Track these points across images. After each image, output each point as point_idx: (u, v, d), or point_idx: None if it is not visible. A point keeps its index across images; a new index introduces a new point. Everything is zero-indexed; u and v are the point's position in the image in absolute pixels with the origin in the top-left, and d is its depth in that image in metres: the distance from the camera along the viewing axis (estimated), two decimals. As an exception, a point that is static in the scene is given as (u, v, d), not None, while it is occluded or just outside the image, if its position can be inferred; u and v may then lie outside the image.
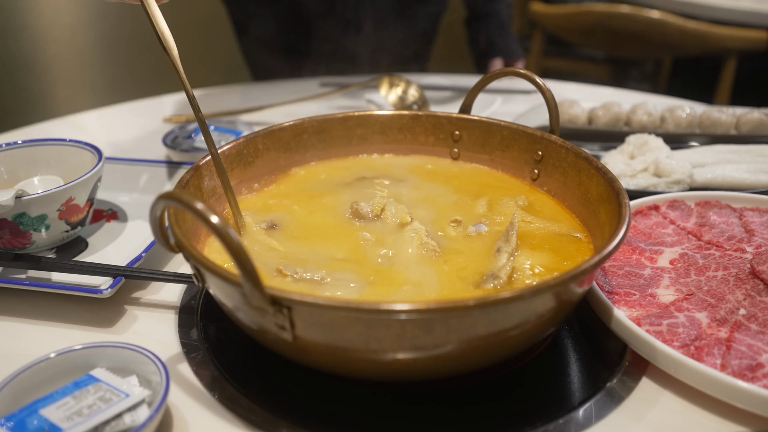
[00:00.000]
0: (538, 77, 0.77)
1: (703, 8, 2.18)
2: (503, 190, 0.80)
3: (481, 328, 0.52)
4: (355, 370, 0.57)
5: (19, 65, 3.23)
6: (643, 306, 0.69)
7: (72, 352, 0.59)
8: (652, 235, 0.81)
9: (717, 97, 2.13)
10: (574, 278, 0.52)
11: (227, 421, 0.59)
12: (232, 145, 0.77)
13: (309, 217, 0.75)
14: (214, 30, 2.79)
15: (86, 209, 0.81)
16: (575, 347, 0.68)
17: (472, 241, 0.70)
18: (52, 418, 0.54)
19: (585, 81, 1.59)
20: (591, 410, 0.59)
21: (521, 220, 0.72)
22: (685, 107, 1.16)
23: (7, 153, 0.85)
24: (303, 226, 0.73)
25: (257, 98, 1.41)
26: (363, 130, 0.86)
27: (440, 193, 0.80)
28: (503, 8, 1.68)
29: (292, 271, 0.63)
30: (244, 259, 0.49)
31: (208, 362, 0.65)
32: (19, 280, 0.74)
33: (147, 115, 1.32)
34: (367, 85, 1.32)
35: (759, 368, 0.59)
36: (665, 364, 0.61)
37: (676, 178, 0.95)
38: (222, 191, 0.75)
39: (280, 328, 0.52)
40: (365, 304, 0.49)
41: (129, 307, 0.74)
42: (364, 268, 0.65)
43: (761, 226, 0.81)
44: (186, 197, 0.50)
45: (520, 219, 0.72)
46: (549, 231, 0.71)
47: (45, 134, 1.21)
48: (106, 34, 3.48)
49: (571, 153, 0.75)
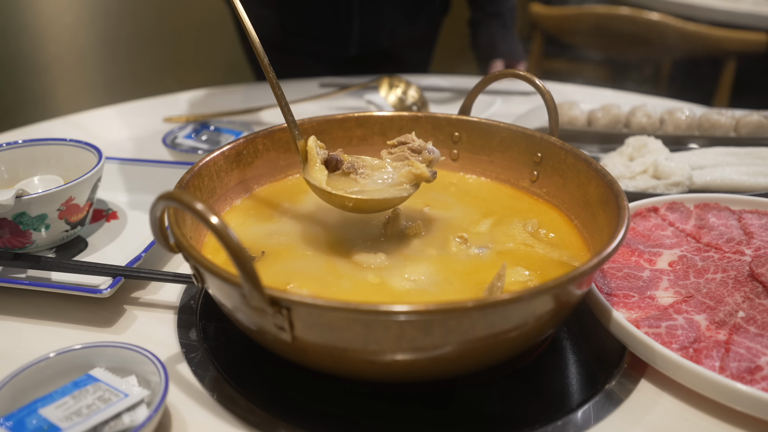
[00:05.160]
0: (538, 79, 0.78)
1: (703, 10, 2.19)
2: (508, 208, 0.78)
3: (480, 330, 0.52)
4: (354, 371, 0.57)
5: (19, 65, 3.22)
6: (641, 308, 0.69)
7: (71, 351, 0.59)
8: (651, 237, 0.81)
9: (716, 99, 2.13)
10: (573, 280, 0.52)
11: (226, 421, 0.59)
12: (231, 145, 0.77)
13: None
14: (216, 30, 2.79)
15: (86, 209, 0.81)
16: (574, 349, 0.68)
17: (472, 261, 0.68)
18: (51, 417, 0.54)
19: (584, 83, 1.59)
20: (589, 412, 0.59)
21: (523, 243, 0.70)
22: (684, 109, 1.16)
23: (7, 152, 0.85)
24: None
25: (258, 98, 1.41)
26: (363, 130, 0.86)
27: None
28: (506, 10, 1.69)
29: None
30: (244, 260, 0.49)
31: (207, 362, 0.65)
32: (18, 280, 0.74)
33: (147, 115, 1.32)
34: (366, 85, 1.32)
35: (758, 371, 0.59)
36: (664, 367, 0.61)
37: (675, 180, 0.95)
38: (221, 192, 0.75)
39: (279, 328, 0.52)
40: (364, 305, 0.49)
41: (128, 307, 0.74)
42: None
43: (760, 228, 0.81)
44: (186, 197, 0.50)
45: (522, 242, 0.70)
46: (548, 257, 0.68)
47: (45, 134, 1.21)
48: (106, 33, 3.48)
49: (570, 155, 0.75)
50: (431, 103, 1.37)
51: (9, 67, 3.18)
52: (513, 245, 0.70)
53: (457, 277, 0.65)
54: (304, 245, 0.70)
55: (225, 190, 0.76)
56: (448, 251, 0.69)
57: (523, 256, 0.68)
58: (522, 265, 0.66)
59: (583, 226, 0.73)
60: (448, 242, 0.70)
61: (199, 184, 0.71)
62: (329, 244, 0.70)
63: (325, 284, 0.63)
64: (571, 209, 0.75)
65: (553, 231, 0.73)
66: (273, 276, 0.64)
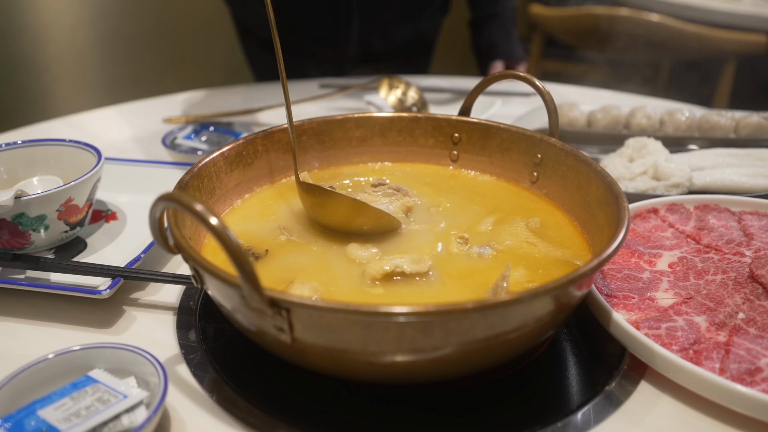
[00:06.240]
0: (538, 80, 0.78)
1: (703, 11, 2.19)
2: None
3: (480, 331, 0.52)
4: (353, 372, 0.57)
5: (18, 65, 3.22)
6: (641, 309, 0.69)
7: (70, 352, 0.59)
8: (651, 238, 0.81)
9: (716, 100, 2.13)
10: (573, 281, 0.52)
11: (225, 422, 0.59)
12: (231, 146, 0.77)
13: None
14: (215, 31, 2.79)
15: (85, 210, 0.81)
16: (574, 350, 0.68)
17: (474, 262, 0.68)
18: (49, 419, 0.54)
19: (584, 84, 1.59)
20: (589, 414, 0.59)
21: (526, 241, 0.70)
22: (684, 110, 1.16)
23: (6, 153, 0.85)
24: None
25: (257, 99, 1.41)
26: (362, 131, 0.86)
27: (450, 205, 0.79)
28: (507, 11, 1.69)
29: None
30: (243, 261, 0.49)
31: (206, 364, 0.65)
32: (17, 281, 0.74)
33: (147, 115, 1.32)
34: (366, 86, 1.32)
35: (758, 372, 0.59)
36: (664, 368, 0.61)
37: (675, 182, 0.95)
38: (221, 193, 0.75)
39: (279, 330, 0.52)
40: (364, 306, 0.49)
41: (127, 308, 0.74)
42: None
43: (760, 229, 0.81)
44: (185, 198, 0.50)
45: (525, 240, 0.70)
46: (551, 256, 0.68)
47: (44, 134, 1.21)
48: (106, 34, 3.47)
49: (570, 156, 0.75)
50: (431, 104, 1.37)
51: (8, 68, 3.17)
52: (515, 244, 0.70)
53: (458, 278, 0.64)
54: (305, 244, 0.70)
55: (225, 190, 0.76)
56: (449, 251, 0.69)
57: (525, 255, 0.68)
58: (524, 264, 0.66)
59: (583, 227, 0.73)
60: (450, 243, 0.70)
61: (198, 185, 0.71)
62: (331, 244, 0.70)
63: (329, 283, 0.63)
64: (571, 210, 0.75)
65: (555, 229, 0.73)
66: (275, 275, 0.64)
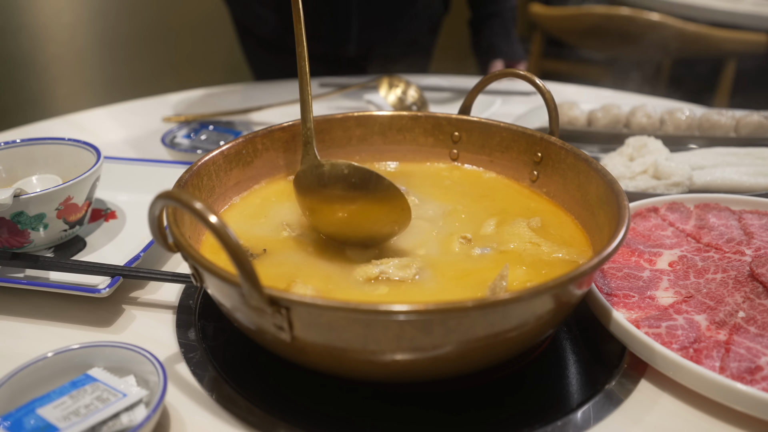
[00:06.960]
0: (538, 79, 0.77)
1: (703, 11, 2.19)
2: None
3: (480, 330, 0.52)
4: (353, 371, 0.57)
5: (18, 64, 3.23)
6: (642, 308, 0.68)
7: (69, 351, 0.59)
8: (651, 237, 0.81)
9: (716, 99, 2.13)
10: (573, 280, 0.52)
11: (225, 421, 0.58)
12: (231, 145, 0.77)
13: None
14: (215, 30, 2.79)
15: (84, 208, 0.81)
16: (574, 349, 0.67)
17: (474, 261, 0.67)
18: (49, 417, 0.54)
19: (584, 83, 1.59)
20: (589, 412, 0.59)
21: (529, 241, 0.70)
22: (684, 109, 1.16)
23: (5, 152, 0.85)
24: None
25: (257, 98, 1.41)
26: (362, 130, 0.86)
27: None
28: (507, 10, 1.68)
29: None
30: (243, 259, 0.49)
31: (205, 362, 0.65)
32: (16, 279, 0.74)
33: (146, 114, 1.32)
34: (366, 85, 1.32)
35: (758, 371, 0.59)
36: (664, 367, 0.61)
37: (676, 181, 0.95)
38: (220, 191, 0.75)
39: (279, 328, 0.52)
40: (364, 304, 0.49)
41: (127, 307, 0.74)
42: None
43: (760, 228, 0.81)
44: (185, 196, 0.50)
45: (529, 240, 0.70)
46: (553, 255, 0.68)
47: (44, 133, 1.21)
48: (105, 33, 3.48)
49: (570, 155, 0.75)
50: (431, 102, 1.37)
51: (8, 67, 3.18)
52: (517, 244, 0.70)
53: (457, 277, 0.64)
54: (305, 243, 0.70)
55: (224, 189, 0.76)
56: (450, 251, 0.69)
57: (526, 254, 0.68)
58: (526, 263, 0.66)
59: (583, 225, 0.73)
60: (451, 242, 0.70)
61: (198, 184, 0.71)
62: (331, 243, 0.70)
63: (330, 282, 0.63)
64: (571, 209, 0.75)
65: (557, 228, 0.73)
66: (274, 274, 0.64)
